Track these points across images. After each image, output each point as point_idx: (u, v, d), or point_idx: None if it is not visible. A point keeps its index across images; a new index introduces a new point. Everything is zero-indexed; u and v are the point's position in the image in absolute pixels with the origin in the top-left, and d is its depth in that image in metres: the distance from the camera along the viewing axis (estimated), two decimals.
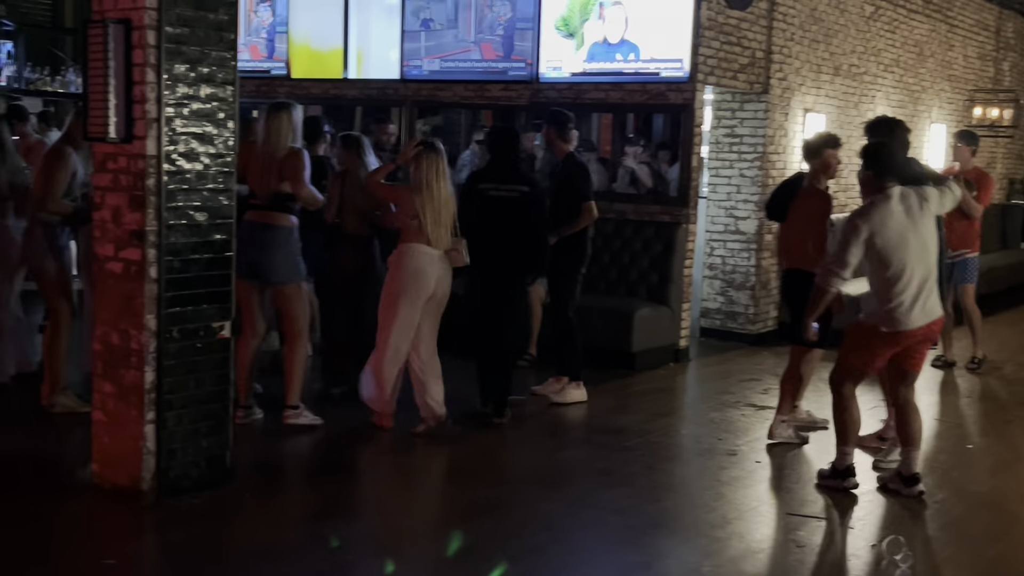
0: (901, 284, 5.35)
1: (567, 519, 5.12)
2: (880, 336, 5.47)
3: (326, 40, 10.49)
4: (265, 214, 6.18)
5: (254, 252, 6.07)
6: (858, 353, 5.59)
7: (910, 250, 5.37)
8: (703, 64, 8.64)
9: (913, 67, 12.29)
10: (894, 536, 4.73)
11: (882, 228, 5.35)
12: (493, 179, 6.65)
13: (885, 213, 5.37)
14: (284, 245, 6.21)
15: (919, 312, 5.39)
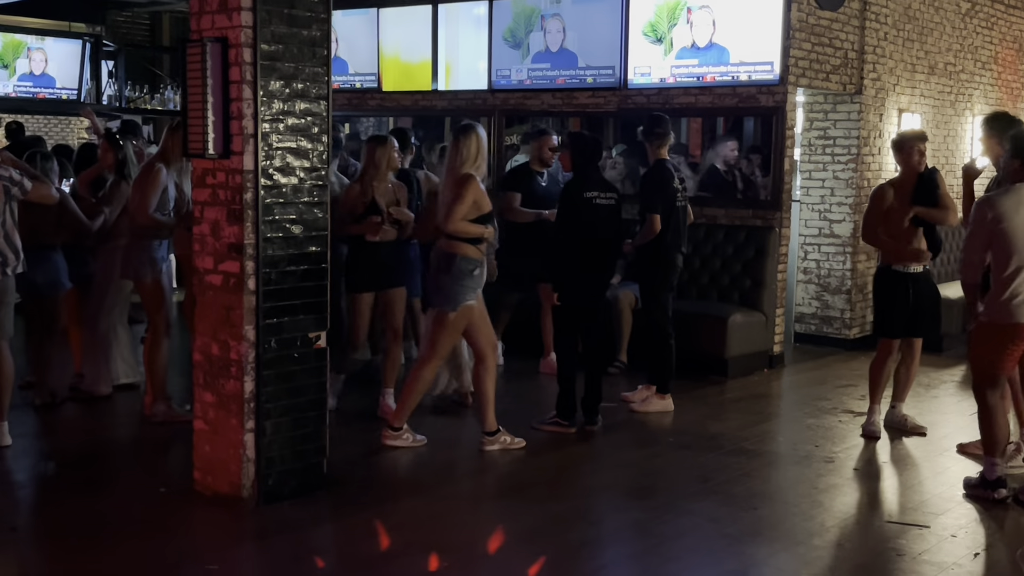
0: (1021, 276, 5.26)
1: (663, 527, 5.09)
2: (1000, 331, 5.35)
3: (415, 52, 10.60)
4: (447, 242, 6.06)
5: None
6: (985, 355, 5.48)
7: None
8: (794, 66, 8.54)
9: (1012, 64, 11.96)
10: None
11: (1013, 215, 5.27)
12: (596, 187, 6.64)
13: (1017, 200, 5.29)
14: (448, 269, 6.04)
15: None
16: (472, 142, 5.96)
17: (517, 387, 7.67)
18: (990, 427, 5.50)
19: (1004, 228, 5.28)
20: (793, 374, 8.59)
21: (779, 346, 8.74)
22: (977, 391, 5.55)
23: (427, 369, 6.20)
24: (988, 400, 5.49)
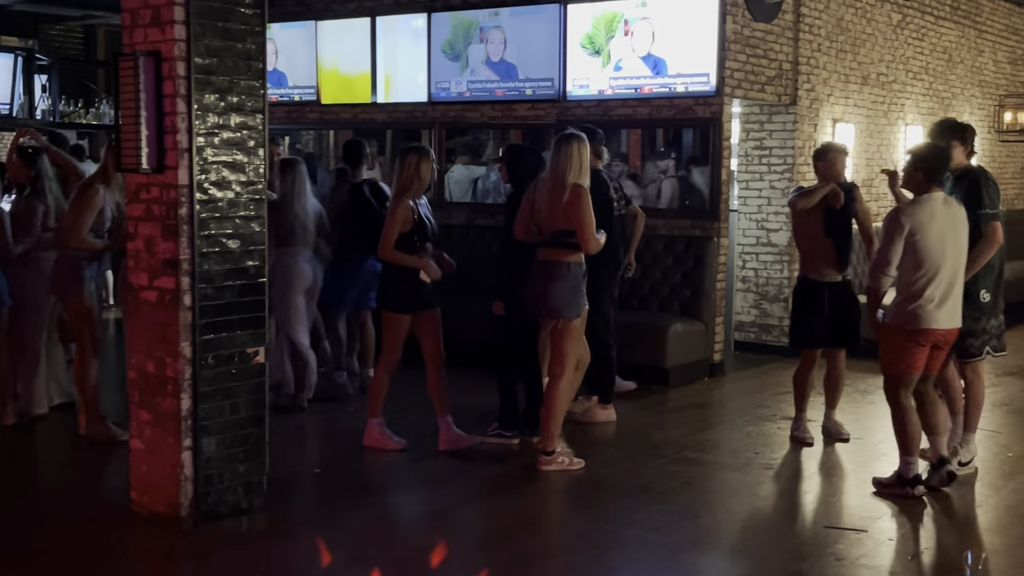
0: (931, 285, 5.46)
1: (605, 537, 5.11)
2: (907, 335, 5.55)
3: (354, 65, 10.57)
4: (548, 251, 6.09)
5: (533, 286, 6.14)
6: (894, 358, 5.63)
7: (946, 253, 5.47)
8: (730, 77, 8.64)
9: (943, 74, 12.21)
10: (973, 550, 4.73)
11: (928, 226, 5.46)
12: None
13: (931, 212, 5.48)
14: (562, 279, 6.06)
15: (945, 315, 5.50)
16: (575, 151, 5.98)
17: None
18: (904, 427, 5.67)
19: (919, 239, 5.47)
20: (733, 382, 8.67)
21: (719, 355, 8.82)
22: (889, 393, 5.72)
23: (564, 384, 6.09)
24: (900, 401, 5.66)
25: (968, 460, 6.13)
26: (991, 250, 5.93)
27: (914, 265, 5.50)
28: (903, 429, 5.68)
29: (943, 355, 5.74)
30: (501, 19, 9.58)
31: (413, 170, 6.21)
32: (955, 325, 5.60)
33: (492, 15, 9.62)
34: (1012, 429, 7.27)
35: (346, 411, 7.51)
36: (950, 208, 5.60)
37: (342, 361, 7.90)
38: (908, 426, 5.66)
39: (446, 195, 10.31)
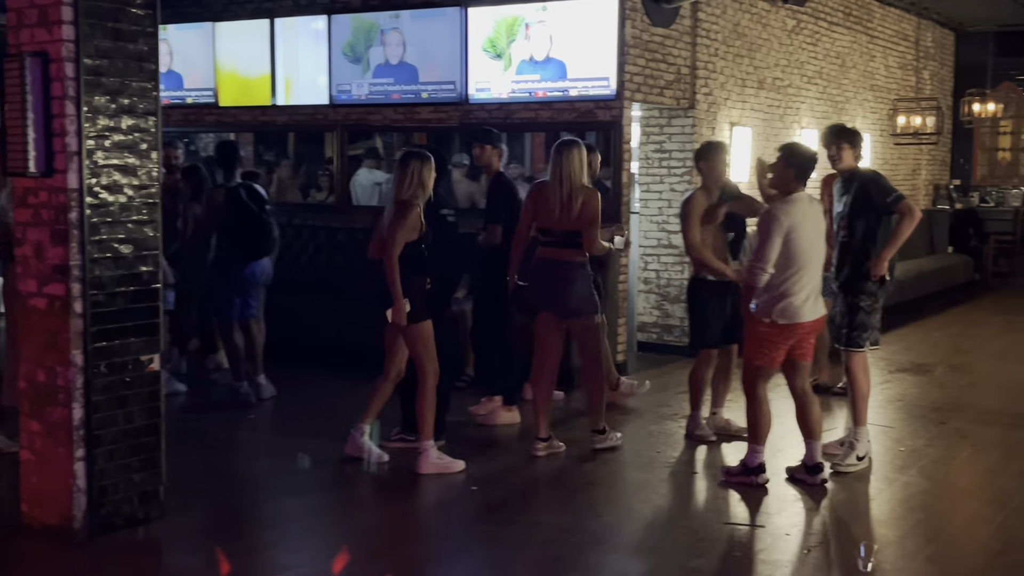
0: (801, 281, 5.65)
1: (510, 538, 5.11)
2: (777, 330, 5.73)
3: (253, 67, 10.43)
4: (560, 251, 6.35)
5: (550, 288, 6.36)
6: (760, 351, 5.82)
7: (814, 250, 5.71)
8: (629, 81, 8.74)
9: (836, 78, 12.52)
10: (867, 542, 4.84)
11: (802, 225, 5.65)
12: (444, 204, 6.63)
13: (803, 210, 5.69)
14: (579, 279, 6.36)
15: (810, 308, 5.72)
16: (576, 156, 6.29)
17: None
18: (757, 417, 5.87)
19: (794, 237, 5.65)
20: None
21: (622, 355, 8.91)
22: (747, 383, 5.92)
23: (599, 379, 6.56)
24: (757, 392, 5.85)
25: (863, 454, 6.29)
26: (913, 224, 6.18)
27: (785, 262, 5.66)
28: (755, 419, 5.88)
29: (813, 343, 5.94)
30: (401, 22, 9.55)
31: (416, 177, 6.04)
32: (819, 315, 5.82)
33: (392, 17, 9.58)
34: (904, 424, 7.48)
35: (247, 419, 7.41)
36: (814, 207, 5.83)
37: (241, 371, 7.77)
38: (761, 417, 5.86)
39: (353, 199, 10.25)
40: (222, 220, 7.61)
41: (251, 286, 7.70)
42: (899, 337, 10.73)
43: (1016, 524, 5.41)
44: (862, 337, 6.24)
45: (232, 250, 7.58)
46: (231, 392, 7.68)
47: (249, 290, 7.69)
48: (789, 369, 5.94)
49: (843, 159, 6.39)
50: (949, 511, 5.74)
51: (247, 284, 7.66)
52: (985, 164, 16.65)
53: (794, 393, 5.96)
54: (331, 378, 8.44)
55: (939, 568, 4.84)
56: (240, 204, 7.53)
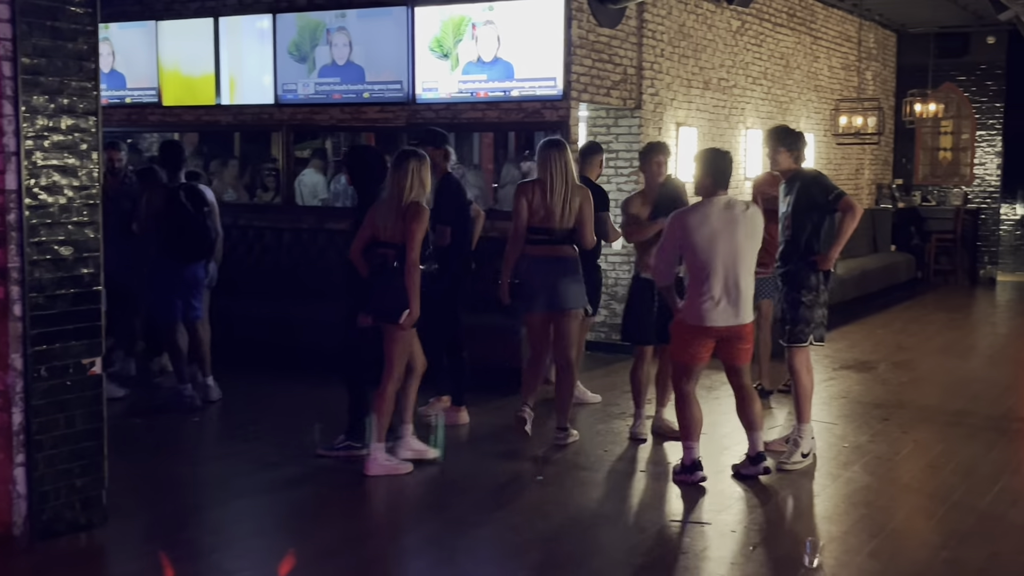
0: (711, 285, 5.73)
1: (457, 539, 5.11)
2: (690, 330, 5.84)
3: (197, 66, 10.32)
4: (555, 248, 6.62)
5: (547, 284, 6.61)
6: (679, 349, 5.95)
7: (718, 254, 5.73)
8: (576, 81, 8.76)
9: (780, 79, 12.65)
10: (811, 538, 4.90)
11: (698, 229, 5.74)
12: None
13: (703, 216, 5.76)
14: (575, 274, 6.69)
15: (722, 313, 5.77)
16: (567, 158, 6.66)
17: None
18: (686, 414, 5.94)
19: (692, 241, 5.74)
20: (585, 381, 8.73)
21: None
22: (674, 381, 6.02)
23: (573, 375, 6.83)
24: (684, 389, 5.95)
25: (808, 451, 6.36)
26: (856, 219, 6.25)
27: (695, 266, 5.78)
28: (682, 417, 5.96)
29: (744, 348, 5.95)
30: (347, 21, 9.50)
31: (417, 176, 5.99)
32: (737, 322, 5.83)
33: (338, 16, 9.53)
34: (847, 420, 7.58)
35: (192, 422, 7.34)
36: (731, 211, 5.81)
37: (185, 373, 7.69)
38: (690, 414, 5.93)
39: (297, 199, 10.19)
40: (160, 221, 7.53)
41: (194, 288, 7.62)
42: (843, 334, 10.87)
43: (957, 518, 5.50)
44: (804, 332, 6.30)
45: (171, 251, 7.50)
46: (175, 395, 7.59)
47: (192, 292, 7.61)
48: (728, 371, 6.05)
49: (779, 162, 6.48)
50: (892, 506, 5.82)
51: (189, 286, 7.58)
52: (927, 163, 16.92)
53: (733, 388, 6.08)
54: (278, 381, 8.38)
55: (882, 563, 4.90)
56: (177, 205, 7.45)
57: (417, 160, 6.02)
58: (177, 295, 7.56)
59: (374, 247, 6.04)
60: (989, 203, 16.55)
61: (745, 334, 5.91)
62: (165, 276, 7.53)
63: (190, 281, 7.58)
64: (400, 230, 5.88)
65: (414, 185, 5.96)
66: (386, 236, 5.96)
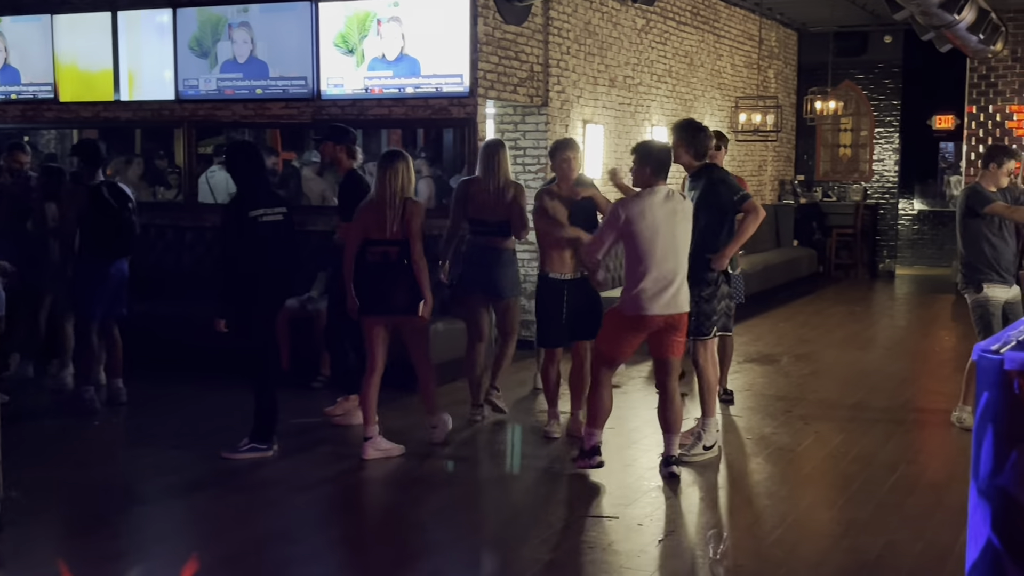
0: (649, 274, 5.75)
1: (364, 540, 5.07)
2: (626, 321, 5.86)
3: (95, 61, 10.08)
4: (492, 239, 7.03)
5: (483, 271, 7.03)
6: (609, 339, 5.97)
7: (659, 244, 5.77)
8: (483, 79, 8.76)
9: (685, 77, 12.82)
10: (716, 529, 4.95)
11: (639, 219, 5.74)
12: (260, 203, 6.35)
13: (644, 206, 5.76)
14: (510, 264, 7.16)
15: (661, 302, 5.79)
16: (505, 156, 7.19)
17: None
18: (598, 402, 5.99)
19: (632, 230, 5.77)
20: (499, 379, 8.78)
21: None
22: (595, 369, 6.05)
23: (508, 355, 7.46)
24: (600, 378, 5.99)
25: (712, 444, 6.45)
26: (757, 223, 6.34)
27: (634, 255, 5.80)
28: (594, 404, 6.01)
29: (678, 340, 5.97)
30: (250, 16, 9.36)
31: (405, 175, 6.29)
32: (677, 311, 5.88)
33: (241, 11, 9.39)
34: (751, 412, 7.71)
35: (93, 426, 7.17)
36: (671, 202, 5.87)
37: (92, 375, 7.51)
38: (601, 402, 5.99)
39: (208, 197, 10.01)
40: (84, 219, 7.38)
41: (119, 286, 7.47)
42: (747, 328, 11.06)
43: (856, 507, 5.63)
44: (706, 326, 6.37)
45: (97, 249, 7.36)
46: (75, 397, 7.41)
47: (116, 290, 7.47)
48: (657, 366, 6.06)
49: (678, 156, 6.48)
50: (794, 497, 5.94)
51: (115, 283, 7.44)
52: (827, 160, 17.30)
53: (659, 387, 6.05)
54: (183, 383, 8.22)
55: (784, 552, 4.99)
56: (103, 203, 7.33)
57: (404, 160, 6.34)
58: (102, 293, 7.41)
59: (369, 246, 6.27)
60: (888, 199, 17.00)
61: (681, 325, 5.93)
62: (90, 274, 7.38)
63: (117, 278, 7.45)
64: (400, 227, 6.21)
65: (405, 184, 6.28)
66: (386, 235, 6.21)
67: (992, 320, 6.94)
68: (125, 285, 7.58)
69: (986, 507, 2.22)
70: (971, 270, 7.05)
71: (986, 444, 2.22)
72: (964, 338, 10.48)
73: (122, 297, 7.56)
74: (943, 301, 13.83)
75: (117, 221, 7.41)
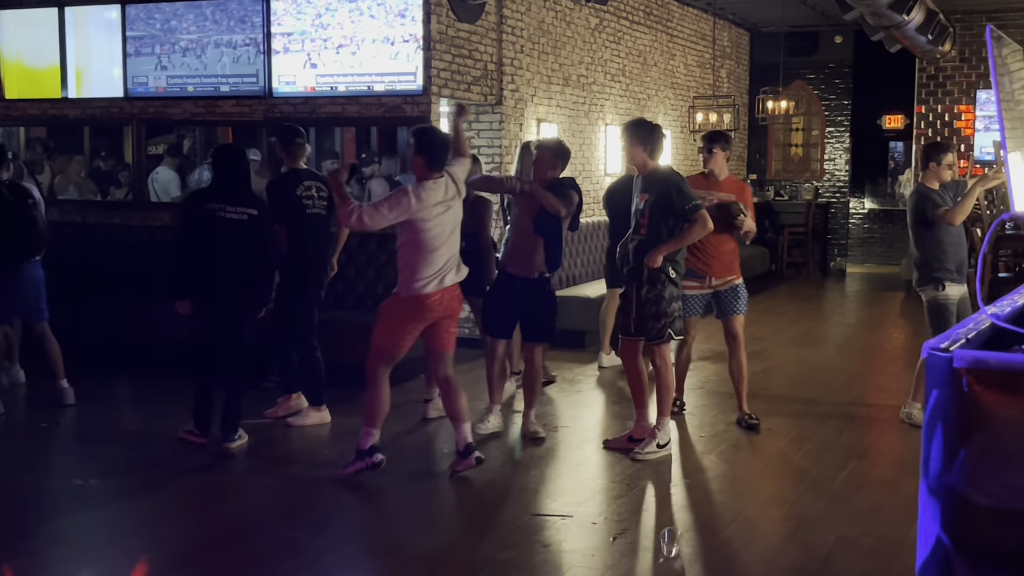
0: (432, 260, 5.80)
1: (316, 541, 5.03)
2: (405, 308, 5.86)
3: (41, 57, 9.92)
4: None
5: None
6: (388, 333, 5.92)
7: (445, 231, 5.85)
8: (436, 77, 8.73)
9: (638, 76, 12.86)
10: (669, 528, 4.96)
11: (429, 208, 5.78)
12: (219, 199, 6.42)
13: (432, 195, 5.80)
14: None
15: (437, 284, 5.83)
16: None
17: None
18: (373, 400, 5.95)
19: (420, 218, 5.78)
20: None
21: None
22: (369, 364, 5.96)
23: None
24: (377, 374, 5.94)
25: (665, 442, 6.47)
26: (702, 233, 6.34)
27: (418, 244, 5.79)
28: (372, 402, 5.95)
29: (451, 330, 6.06)
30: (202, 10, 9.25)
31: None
32: (448, 286, 5.92)
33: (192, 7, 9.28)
34: (705, 410, 7.75)
35: (39, 428, 7.06)
36: (449, 189, 5.91)
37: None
38: (376, 400, 5.94)
39: (151, 196, 9.89)
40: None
41: (36, 288, 7.33)
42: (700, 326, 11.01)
43: (808, 503, 5.67)
44: (656, 329, 6.35)
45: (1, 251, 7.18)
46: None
47: (35, 292, 7.32)
48: (433, 359, 6.12)
49: (634, 156, 6.43)
50: (746, 493, 5.97)
51: (30, 286, 7.30)
52: (779, 159, 17.45)
53: (439, 382, 6.13)
54: (134, 383, 8.12)
55: (737, 547, 5.03)
56: (3, 203, 7.12)
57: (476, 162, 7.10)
58: (12, 296, 7.26)
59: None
60: (839, 197, 17.18)
61: (451, 312, 5.99)
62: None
63: (30, 280, 7.30)
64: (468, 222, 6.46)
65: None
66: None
67: (950, 318, 7.00)
68: (39, 287, 7.41)
69: (935, 505, 2.24)
70: (928, 269, 7.10)
71: (935, 442, 2.24)
72: (914, 335, 10.62)
73: (42, 300, 7.41)
74: (893, 299, 14.00)
75: (22, 222, 7.20)
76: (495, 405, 6.96)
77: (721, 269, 7.15)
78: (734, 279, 7.23)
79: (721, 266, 7.14)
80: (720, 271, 7.15)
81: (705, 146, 7.34)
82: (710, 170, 7.26)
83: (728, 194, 7.17)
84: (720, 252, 7.13)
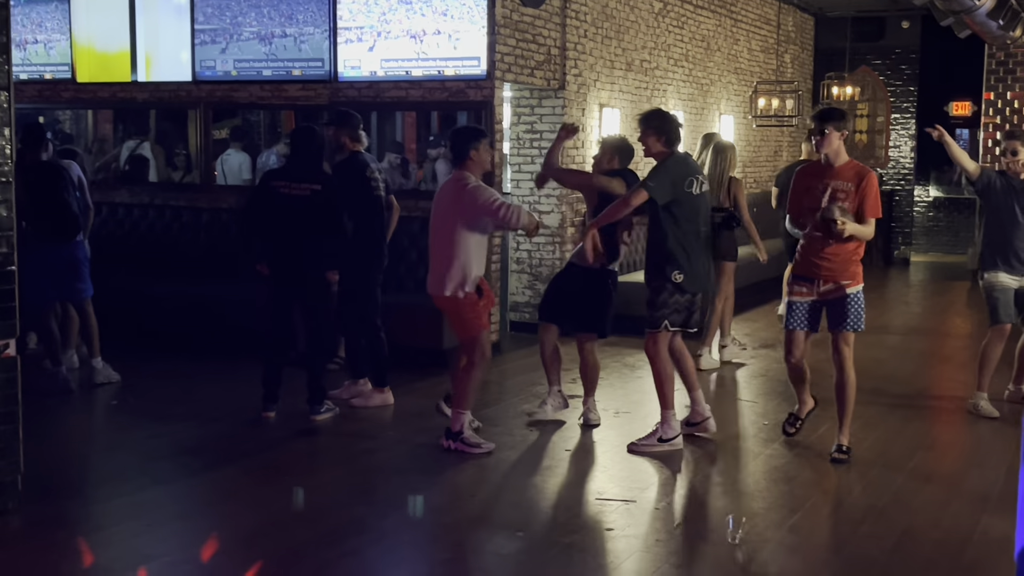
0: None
1: (383, 521, 5.08)
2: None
3: (112, 42, 10.08)
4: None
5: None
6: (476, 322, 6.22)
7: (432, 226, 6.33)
8: (500, 61, 8.74)
9: (701, 61, 12.76)
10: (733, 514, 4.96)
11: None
12: (285, 177, 6.70)
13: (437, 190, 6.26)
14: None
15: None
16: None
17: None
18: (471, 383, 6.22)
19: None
20: (509, 362, 8.80)
21: (495, 335, 8.93)
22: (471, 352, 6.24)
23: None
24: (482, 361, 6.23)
25: (670, 437, 6.25)
26: (619, 207, 6.19)
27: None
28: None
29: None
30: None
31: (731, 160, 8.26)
32: (434, 293, 6.26)
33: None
34: (767, 398, 7.70)
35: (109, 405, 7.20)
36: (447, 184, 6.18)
37: (59, 356, 7.52)
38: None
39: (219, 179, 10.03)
40: (21, 202, 7.32)
41: (73, 268, 7.46)
42: (761, 314, 11.04)
43: (873, 494, 5.62)
44: (655, 317, 6.23)
45: (34, 232, 7.23)
46: (50, 378, 7.38)
47: (73, 272, 7.46)
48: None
49: (649, 146, 6.31)
50: (811, 482, 5.93)
51: (67, 266, 7.43)
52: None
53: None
54: (196, 363, 8.25)
55: (801, 537, 5.00)
56: (35, 185, 7.22)
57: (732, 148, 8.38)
58: (49, 277, 7.35)
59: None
60: (903, 185, 16.93)
61: (443, 305, 6.30)
62: (33, 259, 7.32)
63: (67, 261, 7.42)
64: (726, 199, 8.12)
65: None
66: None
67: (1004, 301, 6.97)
68: (77, 267, 7.51)
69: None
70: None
71: None
72: (980, 325, 10.44)
73: (81, 281, 7.52)
74: (958, 288, 13.77)
75: (53, 204, 7.31)
76: (553, 387, 6.95)
77: (833, 271, 6.21)
78: (849, 285, 6.29)
79: (833, 268, 6.20)
80: (831, 274, 6.21)
81: (816, 127, 6.00)
82: (824, 155, 6.05)
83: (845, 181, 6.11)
84: (838, 251, 6.20)
